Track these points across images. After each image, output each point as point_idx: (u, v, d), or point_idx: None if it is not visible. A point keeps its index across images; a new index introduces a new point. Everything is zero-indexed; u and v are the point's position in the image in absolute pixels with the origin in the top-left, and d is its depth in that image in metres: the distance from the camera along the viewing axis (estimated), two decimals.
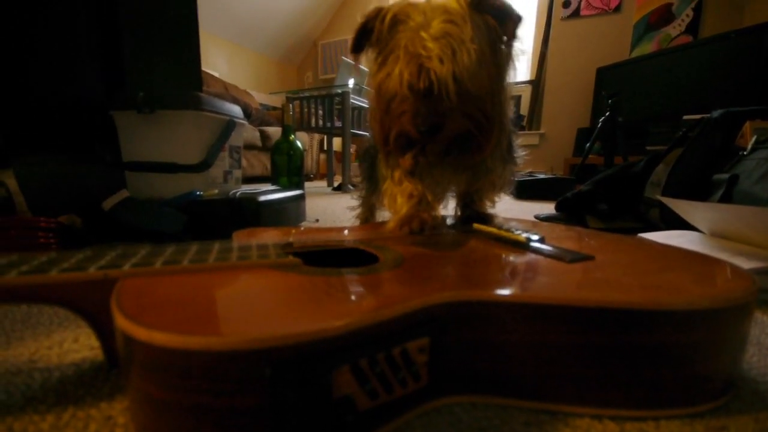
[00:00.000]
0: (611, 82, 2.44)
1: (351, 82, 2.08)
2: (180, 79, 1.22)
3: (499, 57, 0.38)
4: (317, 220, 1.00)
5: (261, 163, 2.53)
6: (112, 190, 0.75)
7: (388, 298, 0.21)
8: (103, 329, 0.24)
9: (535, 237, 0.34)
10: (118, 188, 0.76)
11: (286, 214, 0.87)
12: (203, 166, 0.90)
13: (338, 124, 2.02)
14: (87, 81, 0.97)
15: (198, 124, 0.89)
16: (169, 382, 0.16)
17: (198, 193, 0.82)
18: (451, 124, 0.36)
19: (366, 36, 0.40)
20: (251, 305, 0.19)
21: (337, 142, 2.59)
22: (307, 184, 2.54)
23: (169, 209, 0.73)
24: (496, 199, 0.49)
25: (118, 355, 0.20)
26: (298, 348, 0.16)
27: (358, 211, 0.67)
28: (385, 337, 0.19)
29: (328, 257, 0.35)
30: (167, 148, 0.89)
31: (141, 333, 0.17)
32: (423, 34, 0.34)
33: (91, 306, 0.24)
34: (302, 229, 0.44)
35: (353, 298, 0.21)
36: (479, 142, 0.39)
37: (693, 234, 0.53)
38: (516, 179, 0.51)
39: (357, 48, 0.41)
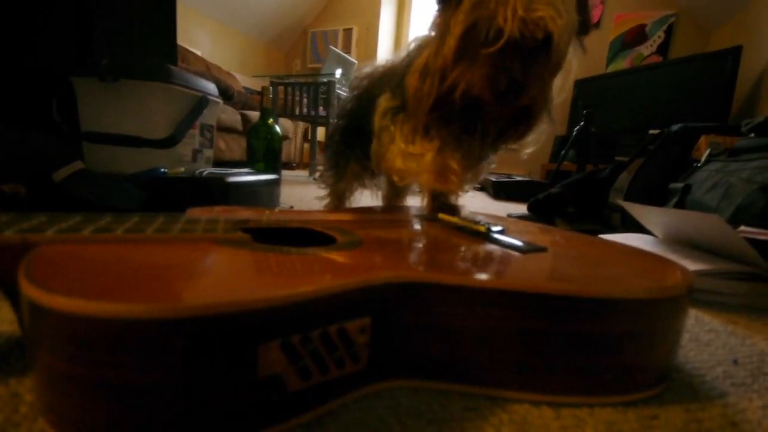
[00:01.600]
0: (588, 94, 2.52)
1: (338, 72, 2.05)
2: (154, 51, 1.15)
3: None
4: (292, 207, 0.98)
5: (240, 147, 2.45)
6: (66, 161, 0.70)
7: (329, 275, 0.20)
8: (19, 300, 0.22)
9: (495, 228, 0.34)
10: (72, 159, 0.71)
11: (258, 198, 0.84)
12: (169, 141, 0.85)
13: (323, 113, 1.98)
14: (50, 44, 0.90)
15: (166, 98, 0.85)
16: (71, 354, 0.15)
17: (162, 170, 0.78)
18: (533, 89, 0.32)
19: None
20: (178, 276, 0.18)
21: (321, 131, 2.55)
22: (289, 173, 2.48)
23: (128, 185, 0.69)
24: (464, 191, 0.49)
25: (22, 326, 0.18)
26: (217, 320, 0.15)
27: (327, 201, 0.66)
28: (322, 314, 0.18)
29: (285, 238, 0.34)
30: (131, 121, 0.84)
31: (42, 297, 0.15)
32: None
33: (6, 274, 0.22)
34: (270, 211, 0.43)
35: (292, 273, 0.20)
36: (533, 121, 0.35)
37: (647, 237, 0.55)
38: (492, 179, 0.50)
39: None
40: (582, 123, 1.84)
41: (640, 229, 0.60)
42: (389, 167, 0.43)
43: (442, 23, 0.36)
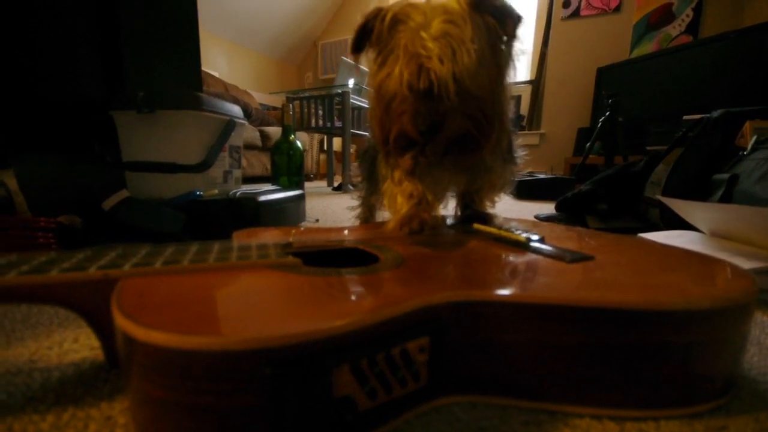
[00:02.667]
0: (611, 82, 2.44)
1: (351, 82, 2.08)
2: (180, 79, 1.22)
3: (499, 57, 0.38)
4: (317, 220, 1.01)
5: (261, 163, 2.53)
6: (111, 190, 0.75)
7: (387, 297, 0.21)
8: (103, 329, 0.24)
9: (535, 237, 0.34)
10: (117, 188, 0.76)
11: (286, 214, 0.87)
12: (203, 166, 0.90)
13: (338, 124, 2.02)
14: (87, 80, 0.98)
15: (198, 124, 0.89)
16: (168, 382, 0.16)
17: (198, 193, 0.82)
18: (451, 123, 0.36)
19: (366, 36, 0.40)
20: (251, 305, 0.19)
21: (337, 142, 2.59)
22: (307, 185, 2.54)
23: (168, 209, 0.73)
24: (496, 199, 0.49)
25: (118, 355, 0.20)
26: (298, 348, 0.16)
27: (358, 211, 0.67)
28: (385, 337, 0.19)
29: (328, 257, 0.35)
30: (167, 148, 0.89)
31: (140, 333, 0.17)
32: (423, 34, 0.34)
33: (91, 306, 0.24)
34: (302, 229, 0.44)
35: (353, 298, 0.21)
36: (478, 142, 0.38)
37: (693, 234, 0.53)
38: (516, 179, 0.50)
39: (357, 48, 0.41)
40: (607, 113, 1.77)
41: (681, 224, 0.57)
42: (389, 209, 0.47)
43: (370, 78, 0.42)
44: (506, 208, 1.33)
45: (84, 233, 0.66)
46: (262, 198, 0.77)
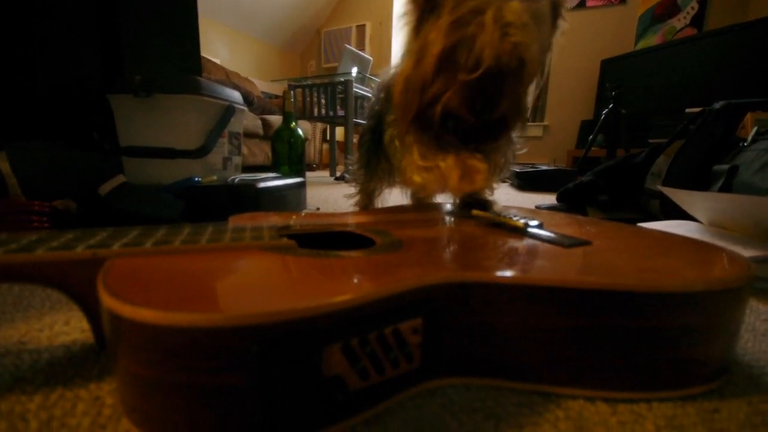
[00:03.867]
0: (615, 75, 2.41)
1: (354, 71, 2.06)
2: (179, 64, 1.20)
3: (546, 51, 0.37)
4: (318, 209, 1.00)
5: (263, 151, 2.51)
6: (108, 175, 0.74)
7: (380, 278, 0.20)
8: (93, 310, 0.24)
9: (533, 223, 0.33)
10: (114, 173, 0.76)
11: (286, 201, 0.87)
12: (202, 151, 0.89)
13: (341, 113, 2.00)
14: (84, 65, 0.96)
15: (196, 109, 0.88)
16: (155, 360, 0.16)
17: (196, 179, 0.81)
18: (504, 105, 0.34)
19: None
20: (240, 284, 0.19)
21: (339, 131, 2.57)
22: (309, 174, 2.53)
23: (166, 195, 0.72)
24: (495, 186, 0.49)
25: (105, 335, 0.20)
26: (286, 325, 0.15)
27: (357, 198, 0.67)
28: (377, 317, 0.18)
29: (325, 241, 0.35)
30: (165, 133, 0.88)
31: (126, 310, 0.16)
32: (514, 4, 0.31)
33: (80, 286, 0.24)
34: (303, 215, 0.44)
35: (345, 278, 0.21)
36: (508, 128, 0.36)
37: (692, 224, 0.53)
38: (517, 170, 0.50)
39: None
40: (611, 105, 1.76)
41: (681, 215, 0.57)
42: (407, 182, 0.44)
43: (422, 38, 0.36)
44: (509, 198, 1.33)
45: (79, 218, 0.66)
46: (262, 185, 0.76)
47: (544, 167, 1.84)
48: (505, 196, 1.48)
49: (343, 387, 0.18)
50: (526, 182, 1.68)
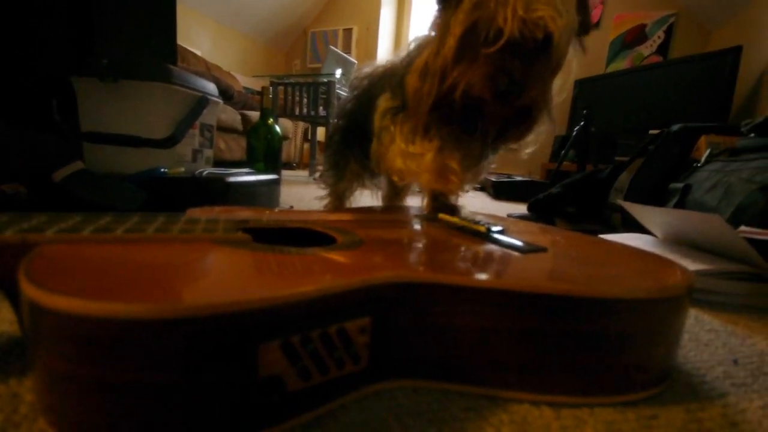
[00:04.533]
0: (588, 94, 2.52)
1: (338, 72, 2.05)
2: (154, 50, 1.15)
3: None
4: (291, 207, 0.98)
5: (241, 147, 2.45)
6: (66, 161, 0.70)
7: (330, 274, 0.20)
8: (19, 300, 0.22)
9: (495, 228, 0.34)
10: (73, 159, 0.71)
11: (258, 198, 0.84)
12: (170, 141, 0.85)
13: (323, 113, 1.98)
14: (51, 43, 0.90)
15: (166, 98, 0.85)
16: (71, 354, 0.15)
17: (162, 170, 0.78)
18: (533, 90, 0.32)
19: None
20: (177, 276, 0.18)
21: (321, 131, 2.55)
22: (288, 173, 2.48)
23: (128, 185, 0.69)
24: (463, 192, 0.49)
25: (22, 326, 0.18)
26: (217, 320, 0.15)
27: (327, 200, 0.66)
28: (321, 314, 0.18)
29: (286, 238, 0.34)
30: (131, 121, 0.84)
31: (42, 297, 0.15)
32: None
33: (6, 274, 0.22)
34: (270, 211, 0.43)
35: (293, 273, 0.20)
36: (532, 123, 0.35)
37: (647, 237, 0.55)
38: (492, 179, 0.50)
39: None
40: (582, 123, 1.84)
41: (640, 229, 0.60)
42: (389, 167, 0.43)
43: (443, 23, 0.36)
44: (484, 206, 1.35)
45: (29, 204, 0.61)
46: (232, 179, 0.74)
47: (520, 178, 1.90)
48: (480, 204, 1.50)
49: (281, 387, 0.17)
50: (502, 191, 1.73)
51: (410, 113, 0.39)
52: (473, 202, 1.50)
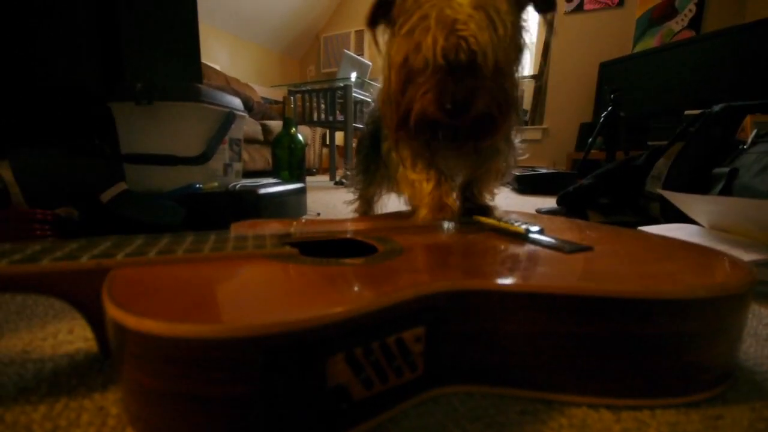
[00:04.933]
0: (614, 77, 2.42)
1: (353, 76, 2.07)
2: (180, 71, 1.21)
3: (522, 36, 0.36)
4: (318, 214, 1.00)
5: (263, 157, 2.52)
6: (110, 182, 0.75)
7: (383, 286, 0.21)
8: (96, 320, 0.24)
9: (534, 228, 0.34)
10: (116, 181, 0.76)
11: (287, 207, 0.87)
12: (203, 158, 0.89)
13: (340, 118, 2.01)
14: (85, 72, 0.97)
15: (197, 116, 0.89)
16: (160, 370, 0.16)
17: (197, 185, 0.81)
18: (479, 102, 0.34)
19: (383, 8, 0.37)
20: (244, 294, 0.19)
21: (339, 136, 2.58)
22: (309, 179, 2.53)
23: (167, 202, 0.73)
24: (496, 191, 0.49)
25: (109, 345, 0.20)
26: (292, 336, 0.16)
27: (356, 204, 0.67)
28: (381, 326, 0.18)
29: (327, 248, 0.35)
30: (166, 140, 0.88)
31: (131, 321, 0.16)
32: (459, 0, 0.32)
33: (84, 296, 0.24)
34: (303, 221, 0.44)
35: (348, 286, 0.21)
36: (496, 125, 0.36)
37: (692, 227, 0.53)
38: (516, 173, 0.50)
39: (373, 21, 0.38)
40: (609, 108, 1.76)
41: (681, 218, 0.57)
42: (400, 191, 0.46)
43: (387, 52, 0.38)
44: (508, 202, 1.33)
45: (81, 226, 0.66)
46: (263, 191, 0.77)
47: (544, 170, 1.85)
48: (505, 200, 1.48)
49: (347, 396, 0.18)
50: (526, 186, 1.69)
51: (389, 133, 0.42)
52: (497, 199, 1.47)
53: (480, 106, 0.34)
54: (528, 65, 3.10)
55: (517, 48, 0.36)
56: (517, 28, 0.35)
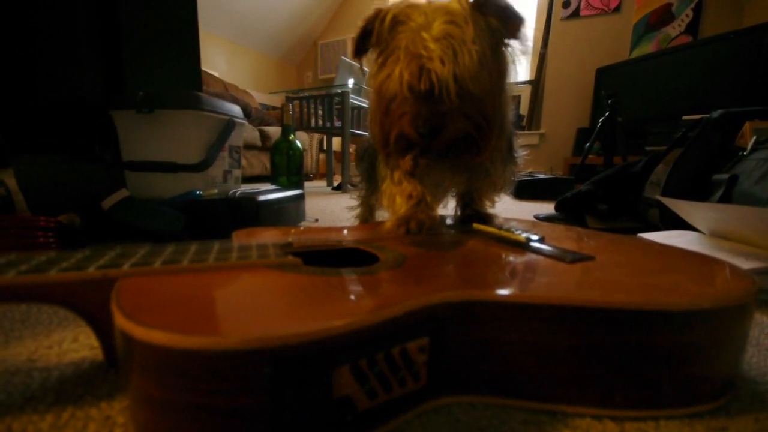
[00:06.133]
0: (611, 83, 2.44)
1: (350, 82, 2.08)
2: (180, 79, 1.22)
3: (501, 58, 0.38)
4: (317, 220, 1.00)
5: (261, 162, 2.53)
6: (111, 189, 0.75)
7: (387, 297, 0.21)
8: (102, 328, 0.24)
9: (535, 237, 0.34)
10: (117, 188, 0.76)
11: (286, 213, 0.87)
12: (203, 165, 0.90)
13: (338, 123, 2.02)
14: (87, 80, 0.97)
15: (197, 124, 0.89)
16: (168, 381, 0.16)
17: (197, 192, 0.82)
18: (452, 126, 0.36)
19: (367, 38, 0.40)
20: (250, 305, 0.19)
21: (336, 141, 2.60)
22: (306, 184, 2.53)
23: (168, 209, 0.73)
24: (496, 199, 0.49)
25: (117, 355, 0.20)
26: (298, 348, 0.16)
27: (358, 210, 0.67)
28: (385, 337, 0.19)
29: (328, 257, 0.35)
30: (167, 148, 0.89)
31: (140, 332, 0.17)
32: (424, 34, 0.34)
33: (90, 306, 0.24)
34: (302, 228, 0.44)
35: (353, 297, 0.21)
36: (479, 145, 0.38)
37: (692, 234, 0.53)
38: (516, 179, 0.50)
39: (359, 51, 0.41)
40: (607, 113, 1.78)
41: (680, 224, 0.57)
42: (386, 207, 0.47)
43: (369, 77, 0.41)
44: (506, 207, 1.33)
45: (84, 232, 0.66)
46: (262, 198, 0.77)
47: (542, 176, 1.85)
48: (502, 205, 1.48)
49: (351, 407, 0.18)
50: (524, 191, 1.69)
51: (379, 151, 0.44)
52: (495, 204, 1.47)
53: (453, 130, 0.37)
54: (525, 71, 3.13)
55: (495, 71, 0.37)
56: (494, 52, 0.37)
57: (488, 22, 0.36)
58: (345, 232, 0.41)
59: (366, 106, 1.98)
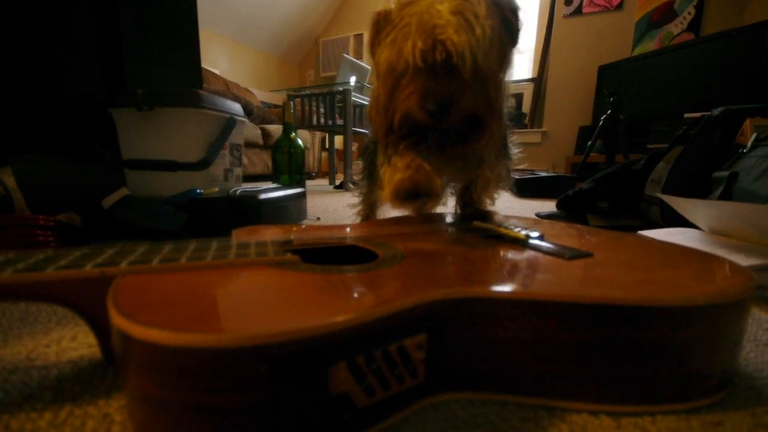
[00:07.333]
0: (613, 80, 2.43)
1: (352, 80, 2.07)
2: (180, 77, 1.22)
3: (507, 43, 0.37)
4: (318, 218, 1.00)
5: (262, 161, 2.53)
6: (111, 188, 0.75)
7: (385, 294, 0.21)
8: (101, 327, 0.24)
9: (534, 234, 0.34)
10: (117, 186, 0.76)
11: (287, 212, 0.87)
12: (203, 164, 0.90)
13: (340, 122, 2.02)
14: (86, 79, 0.97)
15: (198, 122, 0.89)
16: (165, 379, 0.16)
17: (198, 191, 0.82)
18: (462, 102, 0.35)
19: (380, 28, 0.38)
20: (247, 302, 0.19)
21: (338, 140, 2.59)
22: (309, 183, 2.53)
23: (168, 207, 0.73)
24: (495, 195, 0.49)
25: (114, 353, 0.20)
26: (295, 345, 0.16)
27: (359, 208, 0.67)
28: (382, 334, 0.19)
29: (328, 255, 0.35)
30: (167, 146, 0.89)
31: (137, 331, 0.17)
32: (438, 6, 0.33)
33: (88, 304, 0.24)
34: (303, 227, 0.44)
35: (350, 294, 0.21)
36: (481, 129, 0.37)
37: (692, 231, 0.53)
38: (514, 176, 0.50)
39: (374, 46, 0.40)
40: (609, 111, 1.77)
41: (681, 222, 0.57)
42: (383, 194, 0.45)
43: (375, 61, 0.40)
44: (508, 205, 1.33)
45: (84, 231, 0.66)
46: (263, 196, 0.77)
47: (543, 174, 1.85)
48: (504, 203, 1.48)
49: (349, 404, 0.18)
50: (525, 189, 1.69)
51: (378, 139, 0.43)
52: (497, 202, 1.47)
53: (463, 106, 0.35)
54: (527, 69, 3.12)
55: (500, 54, 0.37)
56: (498, 35, 0.36)
57: (498, 4, 0.36)
58: (347, 229, 0.41)
59: (367, 103, 1.97)
